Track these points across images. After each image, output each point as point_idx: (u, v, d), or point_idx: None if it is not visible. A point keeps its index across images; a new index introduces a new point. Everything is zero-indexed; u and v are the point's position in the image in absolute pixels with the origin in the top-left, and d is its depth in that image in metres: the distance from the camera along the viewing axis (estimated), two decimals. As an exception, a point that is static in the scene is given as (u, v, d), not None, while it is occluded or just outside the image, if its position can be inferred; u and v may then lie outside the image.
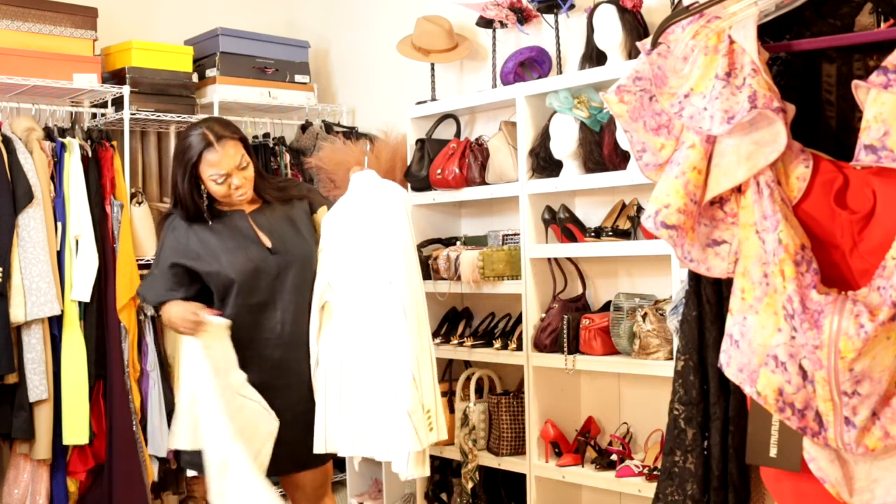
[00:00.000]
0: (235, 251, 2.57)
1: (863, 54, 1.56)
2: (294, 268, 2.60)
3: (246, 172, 2.58)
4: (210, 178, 2.54)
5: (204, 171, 2.54)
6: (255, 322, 2.57)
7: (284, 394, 2.56)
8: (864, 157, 1.36)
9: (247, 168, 2.58)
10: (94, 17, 3.73)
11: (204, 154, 2.51)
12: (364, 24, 4.44)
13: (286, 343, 2.58)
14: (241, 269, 2.55)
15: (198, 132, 2.54)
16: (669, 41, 1.58)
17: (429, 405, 2.36)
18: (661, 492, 1.68)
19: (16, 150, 3.29)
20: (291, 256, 2.60)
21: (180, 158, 2.56)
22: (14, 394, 3.26)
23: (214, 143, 2.51)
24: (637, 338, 2.92)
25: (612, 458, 3.07)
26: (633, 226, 3.07)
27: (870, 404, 1.36)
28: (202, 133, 2.53)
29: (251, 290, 2.56)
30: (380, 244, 2.44)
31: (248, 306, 2.57)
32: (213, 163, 2.52)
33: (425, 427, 2.35)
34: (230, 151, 2.53)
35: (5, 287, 3.19)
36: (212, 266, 2.57)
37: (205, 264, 2.57)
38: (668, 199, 1.50)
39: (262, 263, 2.57)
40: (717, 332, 1.61)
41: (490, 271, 3.34)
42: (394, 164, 3.82)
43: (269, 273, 2.58)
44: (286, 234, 2.63)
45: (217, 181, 2.54)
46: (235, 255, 2.56)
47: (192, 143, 2.53)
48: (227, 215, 2.65)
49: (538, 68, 3.50)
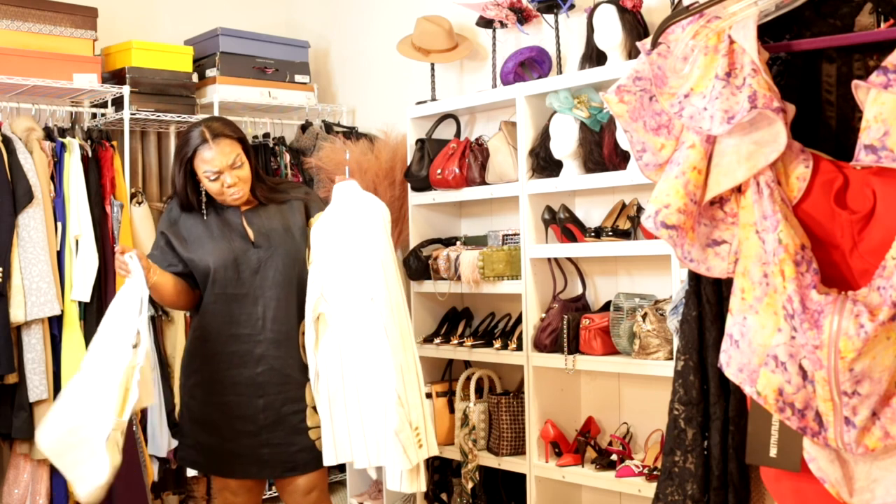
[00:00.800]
0: (219, 240, 2.62)
1: (863, 54, 1.56)
2: (276, 262, 2.60)
3: (240, 172, 2.61)
4: (203, 174, 2.59)
5: (198, 166, 2.59)
6: (234, 314, 2.60)
7: (268, 391, 2.57)
8: (864, 157, 1.36)
9: (241, 168, 2.61)
10: (94, 17, 3.73)
11: (199, 150, 2.57)
12: (364, 24, 4.45)
13: (268, 339, 2.58)
14: (220, 258, 2.59)
15: (197, 129, 2.60)
16: (669, 41, 1.58)
17: (417, 422, 2.34)
18: (661, 492, 1.68)
19: (16, 150, 3.29)
20: (274, 251, 2.61)
21: (178, 153, 2.64)
22: (14, 394, 3.26)
23: (210, 141, 2.57)
24: (637, 338, 2.92)
25: (612, 458, 3.07)
26: (633, 226, 3.07)
27: (870, 404, 1.36)
28: (201, 130, 2.59)
29: (229, 280, 2.59)
30: (360, 260, 2.43)
31: (226, 296, 2.59)
32: (206, 159, 2.57)
33: (414, 445, 2.32)
34: (225, 150, 2.57)
35: (5, 287, 3.19)
36: (194, 252, 2.62)
37: (188, 250, 2.63)
38: (668, 199, 1.50)
39: (241, 255, 2.60)
40: (717, 332, 1.61)
41: (490, 271, 3.34)
42: (394, 164, 3.82)
43: (249, 265, 2.60)
44: (273, 231, 2.65)
45: (210, 178, 2.59)
46: (217, 244, 2.61)
47: (189, 138, 2.60)
48: (221, 209, 2.69)
49: (538, 68, 3.50)
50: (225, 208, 2.69)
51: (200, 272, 2.63)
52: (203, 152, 2.57)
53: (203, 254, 2.61)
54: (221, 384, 2.60)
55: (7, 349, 3.18)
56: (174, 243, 2.65)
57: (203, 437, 2.62)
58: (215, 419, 2.59)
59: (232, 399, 2.57)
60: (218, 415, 2.58)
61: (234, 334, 2.59)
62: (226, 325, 2.60)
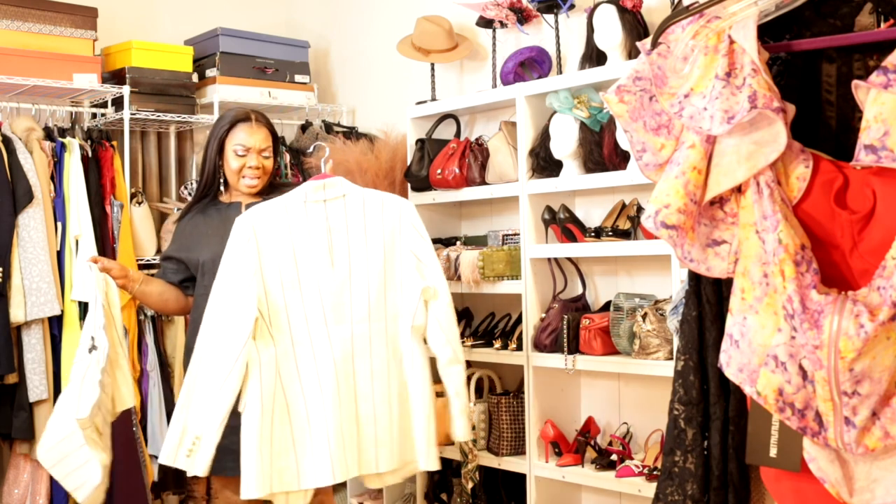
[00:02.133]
0: (213, 236, 2.64)
1: (863, 54, 1.56)
2: None
3: (266, 162, 2.72)
4: (233, 147, 2.67)
5: (230, 139, 2.68)
6: None
7: None
8: (864, 157, 1.36)
9: (268, 159, 2.73)
10: (94, 17, 3.73)
11: (239, 125, 2.69)
12: (364, 24, 4.44)
13: None
14: (212, 251, 2.60)
15: (239, 109, 2.74)
16: (669, 41, 1.58)
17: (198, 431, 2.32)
18: (661, 492, 1.68)
19: (16, 150, 3.29)
20: None
21: (214, 127, 2.74)
22: (14, 394, 3.25)
23: (252, 121, 2.70)
24: (637, 338, 2.92)
25: (612, 458, 3.07)
26: (633, 226, 3.07)
27: (870, 404, 1.36)
28: (245, 110, 2.73)
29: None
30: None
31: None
32: (243, 135, 2.67)
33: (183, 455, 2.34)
34: (261, 135, 2.70)
35: (5, 287, 3.19)
36: (191, 251, 2.68)
37: (187, 250, 2.69)
38: (668, 199, 1.50)
39: None
40: (717, 332, 1.61)
41: (490, 271, 3.34)
42: (394, 164, 3.82)
43: None
44: None
45: (238, 152, 2.67)
46: (211, 239, 2.64)
47: (230, 114, 2.72)
48: (224, 206, 2.73)
49: (538, 68, 3.50)
50: (227, 207, 2.72)
51: (193, 266, 2.69)
52: (242, 127, 2.68)
53: (196, 248, 2.66)
54: None
55: (7, 349, 3.18)
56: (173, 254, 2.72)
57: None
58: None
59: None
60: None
61: None
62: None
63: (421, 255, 2.45)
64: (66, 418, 2.37)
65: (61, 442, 2.36)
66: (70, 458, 2.35)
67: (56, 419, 2.40)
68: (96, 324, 2.44)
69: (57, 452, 2.36)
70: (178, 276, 2.73)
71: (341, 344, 2.38)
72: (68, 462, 2.36)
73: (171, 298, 2.72)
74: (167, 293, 2.69)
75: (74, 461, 2.35)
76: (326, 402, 2.35)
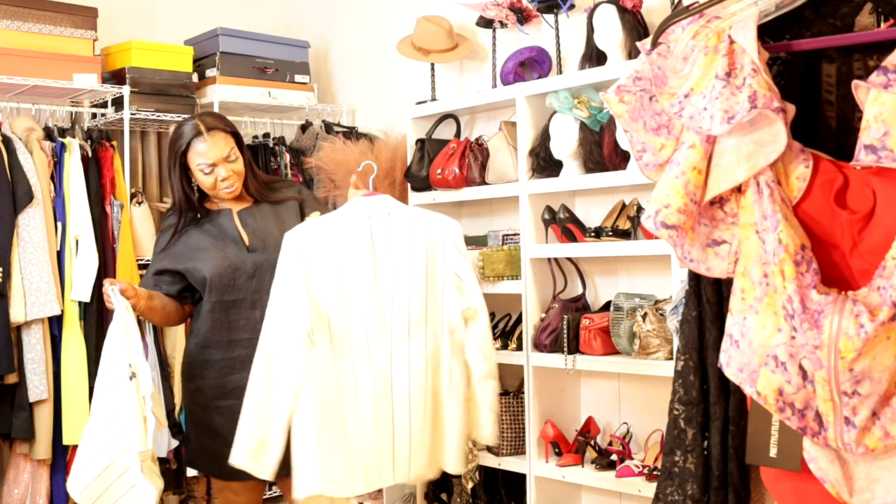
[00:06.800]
0: (213, 249, 2.61)
1: (863, 54, 1.56)
2: (272, 267, 2.58)
3: (234, 165, 2.62)
4: (197, 167, 2.59)
5: (192, 160, 2.59)
6: (233, 320, 2.60)
7: None
8: (864, 157, 1.36)
9: (235, 162, 2.63)
10: (94, 17, 3.73)
11: (193, 143, 2.58)
12: (364, 24, 4.44)
13: None
14: (216, 266, 2.58)
15: (190, 123, 2.61)
16: (669, 41, 1.58)
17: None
18: (661, 492, 1.68)
19: (16, 150, 3.29)
20: (269, 254, 2.58)
21: (171, 147, 2.64)
22: (14, 394, 3.25)
23: (204, 133, 2.58)
24: (637, 338, 2.92)
25: (612, 458, 3.07)
26: (633, 226, 3.07)
27: (870, 404, 1.36)
28: (194, 123, 2.60)
29: (226, 287, 2.59)
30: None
31: (223, 303, 2.59)
32: (200, 152, 2.57)
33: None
34: (219, 143, 2.59)
35: (5, 287, 3.19)
36: (189, 263, 2.62)
37: (185, 262, 2.63)
38: (668, 199, 1.50)
39: (237, 261, 2.60)
40: (717, 332, 1.61)
41: (490, 271, 3.34)
42: (394, 164, 3.82)
43: (245, 271, 2.60)
44: (269, 234, 2.64)
45: (204, 171, 2.59)
46: (211, 253, 2.61)
47: (183, 132, 2.60)
48: (214, 214, 2.69)
49: (538, 68, 3.50)
50: (219, 213, 2.68)
51: (197, 282, 2.63)
52: (197, 145, 2.57)
53: (197, 264, 2.60)
54: (223, 388, 2.60)
55: (7, 349, 3.18)
56: (172, 268, 2.64)
57: (206, 441, 2.62)
58: (217, 423, 2.58)
59: (233, 403, 2.55)
60: (220, 419, 2.58)
61: (234, 339, 2.59)
62: (225, 332, 2.60)
63: (462, 275, 2.45)
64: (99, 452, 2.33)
65: (98, 478, 2.32)
66: (111, 490, 2.33)
67: (86, 455, 2.34)
68: (133, 349, 2.37)
69: (95, 489, 2.32)
70: (176, 287, 2.66)
71: (381, 358, 2.37)
72: (110, 494, 2.33)
73: (173, 311, 2.67)
74: (169, 306, 2.65)
75: (117, 491, 2.33)
76: (364, 415, 2.35)
